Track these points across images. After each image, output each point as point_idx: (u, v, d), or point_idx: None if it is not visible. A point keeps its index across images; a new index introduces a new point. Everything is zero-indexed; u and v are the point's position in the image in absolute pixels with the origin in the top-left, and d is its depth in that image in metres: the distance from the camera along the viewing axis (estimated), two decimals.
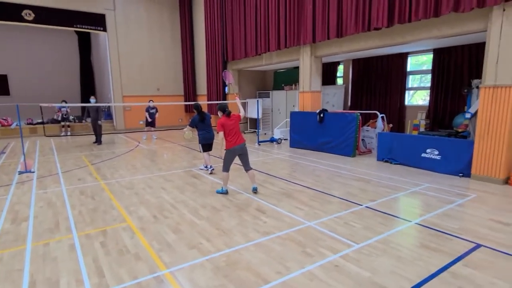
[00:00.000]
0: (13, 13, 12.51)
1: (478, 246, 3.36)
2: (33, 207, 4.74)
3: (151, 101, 11.79)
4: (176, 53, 16.58)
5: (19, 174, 6.82)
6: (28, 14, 12.78)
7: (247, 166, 5.25)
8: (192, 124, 6.67)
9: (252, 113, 13.30)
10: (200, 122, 6.63)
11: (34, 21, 12.97)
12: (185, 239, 3.63)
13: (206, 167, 6.90)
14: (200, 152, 6.97)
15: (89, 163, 7.90)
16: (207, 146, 6.80)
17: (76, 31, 17.09)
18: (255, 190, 5.27)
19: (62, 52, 18.55)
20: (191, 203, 4.85)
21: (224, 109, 5.12)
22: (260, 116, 12.20)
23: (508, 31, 5.25)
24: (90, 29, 14.38)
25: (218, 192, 5.29)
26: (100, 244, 3.53)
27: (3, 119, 13.51)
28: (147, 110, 11.70)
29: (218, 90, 13.80)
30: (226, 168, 5.15)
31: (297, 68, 11.71)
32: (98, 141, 10.91)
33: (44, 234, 3.80)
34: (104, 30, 14.50)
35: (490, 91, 5.53)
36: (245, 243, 3.50)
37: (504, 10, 5.27)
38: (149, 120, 11.69)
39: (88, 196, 5.25)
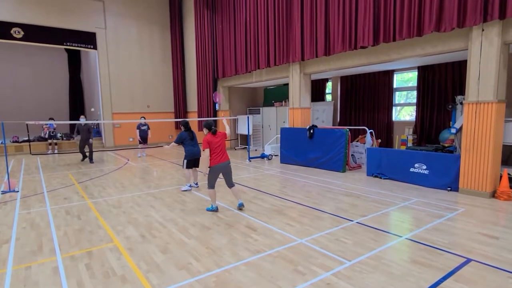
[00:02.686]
0: (2, 31, 12.47)
1: (469, 260, 3.37)
2: (16, 228, 4.58)
3: (142, 118, 11.75)
4: (167, 71, 16.68)
5: (2, 193, 6.61)
6: (17, 32, 12.76)
7: (229, 184, 5.19)
8: (179, 141, 6.51)
9: (243, 130, 13.35)
10: (189, 139, 6.56)
11: (23, 39, 12.95)
12: (174, 259, 3.54)
13: (190, 186, 6.74)
14: (183, 168, 6.68)
15: (75, 182, 7.73)
16: (193, 162, 6.67)
17: (66, 49, 17.09)
18: (240, 206, 5.19)
19: (51, 70, 18.46)
20: (180, 222, 4.75)
21: (210, 127, 5.12)
22: (250, 132, 12.24)
23: (487, 49, 5.47)
24: (80, 47, 14.40)
25: (208, 210, 5.20)
26: (85, 266, 3.40)
27: None
28: (138, 127, 11.63)
29: (208, 107, 13.85)
30: (211, 185, 5.10)
31: (287, 85, 11.91)
32: (90, 158, 10.74)
33: (26, 257, 3.65)
34: (95, 48, 14.54)
35: (473, 107, 5.69)
36: (236, 262, 3.43)
37: (483, 30, 5.51)
38: (139, 137, 11.61)
39: (74, 216, 5.11)
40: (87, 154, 10.81)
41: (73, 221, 4.88)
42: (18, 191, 6.79)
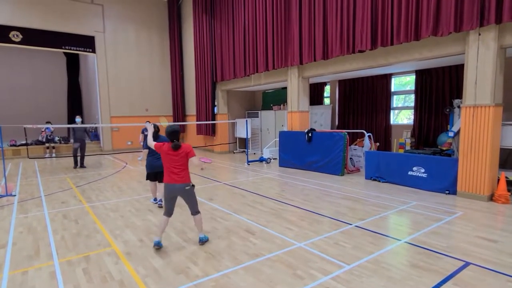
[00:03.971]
0: (1, 35, 12.47)
1: (467, 264, 3.37)
2: (12, 233, 4.54)
3: (147, 122, 11.54)
4: (165, 74, 16.70)
5: None
6: (16, 36, 12.75)
7: (191, 210, 4.02)
8: (146, 147, 5.58)
9: (241, 133, 13.35)
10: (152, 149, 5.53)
11: (22, 42, 12.95)
12: (172, 263, 3.52)
13: (154, 200, 5.92)
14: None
15: (73, 186, 7.70)
16: (153, 175, 5.68)
17: (64, 52, 17.10)
18: (202, 241, 3.99)
19: (49, 73, 18.46)
20: (179, 225, 4.73)
21: (172, 137, 3.80)
22: (249, 136, 12.25)
23: (484, 53, 5.51)
24: (79, 50, 14.41)
25: (155, 244, 3.88)
26: (82, 270, 3.38)
27: None
28: (143, 131, 11.39)
29: (207, 110, 13.86)
30: (165, 209, 3.93)
31: (285, 88, 11.92)
32: (82, 163, 10.50)
33: (23, 262, 3.62)
34: (93, 51, 14.55)
35: (471, 111, 5.72)
36: (234, 266, 3.42)
37: (479, 34, 5.55)
38: (141, 143, 11.40)
39: (71, 220, 5.08)
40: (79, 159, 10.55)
41: (70, 225, 4.85)
42: (15, 195, 6.75)
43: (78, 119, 10.73)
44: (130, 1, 15.24)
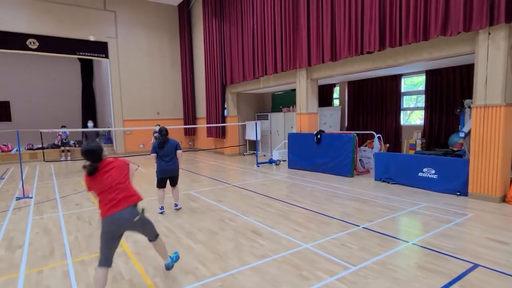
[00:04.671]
0: (18, 42, 12.93)
1: (476, 266, 3.33)
2: (29, 234, 4.73)
3: (158, 126, 11.92)
4: (176, 78, 16.96)
5: (16, 200, 6.82)
6: (32, 43, 13.20)
7: (149, 237, 3.18)
8: (153, 151, 5.44)
9: (251, 135, 13.42)
10: (160, 149, 5.39)
11: (38, 49, 13.38)
12: (181, 264, 3.60)
13: (161, 208, 5.60)
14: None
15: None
16: (164, 180, 5.54)
17: (79, 58, 17.57)
18: (168, 267, 3.33)
19: (64, 79, 19.00)
20: (188, 227, 4.83)
21: (90, 157, 2.74)
22: (259, 138, 12.31)
23: (494, 53, 5.43)
24: (93, 56, 14.79)
25: None
26: (94, 270, 3.49)
27: (3, 145, 13.62)
28: (154, 135, 11.85)
29: (217, 113, 14.00)
30: (102, 256, 2.81)
31: (294, 90, 11.96)
32: None
33: (38, 261, 3.77)
34: (106, 57, 14.92)
35: (482, 111, 5.64)
36: (241, 267, 3.47)
37: (489, 33, 5.47)
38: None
39: (85, 221, 5.24)
40: None
41: (84, 226, 5.00)
42: (32, 197, 6.99)
43: (90, 123, 11.11)
44: (142, 7, 15.56)
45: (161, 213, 5.55)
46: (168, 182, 5.61)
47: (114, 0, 14.85)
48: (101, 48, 14.74)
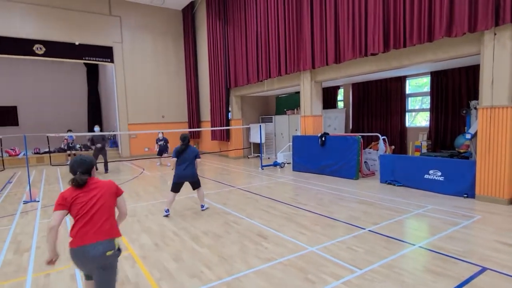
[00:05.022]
0: (25, 48, 13.11)
1: (484, 269, 3.29)
2: (36, 237, 4.77)
3: (160, 133, 12.12)
4: (180, 81, 17.05)
5: (23, 203, 6.88)
6: (39, 48, 13.37)
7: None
8: (174, 155, 5.63)
9: (255, 138, 13.43)
10: (181, 157, 5.60)
11: (45, 55, 13.55)
12: (186, 267, 3.60)
13: (167, 211, 5.63)
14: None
15: None
16: (180, 185, 5.67)
17: (84, 63, 17.77)
18: None
19: (71, 83, 19.20)
20: (193, 230, 4.83)
21: (80, 166, 2.46)
22: (263, 140, 12.31)
23: (500, 54, 5.38)
24: (98, 61, 14.95)
25: None
26: None
27: (11, 149, 13.79)
28: (157, 141, 12.19)
29: (221, 116, 14.04)
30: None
31: (298, 93, 11.95)
32: (106, 168, 11.08)
33: (45, 265, 3.79)
34: (112, 61, 15.06)
35: (488, 112, 5.58)
36: (246, 270, 3.47)
37: (495, 34, 5.43)
38: (156, 150, 12.16)
39: None
40: (103, 164, 11.12)
41: None
42: (39, 201, 7.06)
43: (96, 128, 11.30)
44: (146, 12, 15.71)
45: (166, 215, 5.58)
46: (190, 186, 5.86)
47: (119, 6, 15.01)
48: (106, 53, 14.89)
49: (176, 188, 5.65)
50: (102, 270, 2.35)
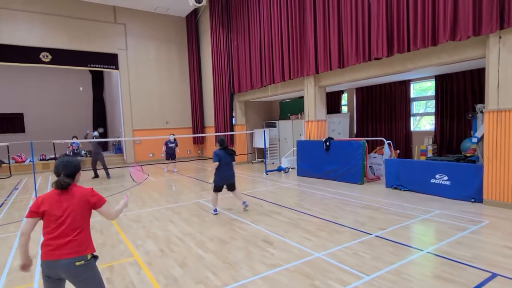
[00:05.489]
0: (32, 56, 13.30)
1: (494, 275, 3.23)
2: None
3: (171, 135, 12.00)
4: (184, 87, 17.16)
5: None
6: (45, 56, 13.56)
7: None
8: (217, 160, 5.80)
9: (259, 143, 13.43)
10: (224, 160, 5.86)
11: (51, 62, 13.73)
12: (192, 273, 3.59)
13: (215, 210, 5.98)
14: (212, 190, 6.05)
15: None
16: (221, 187, 5.96)
17: (90, 70, 17.96)
18: None
19: (76, 90, 19.38)
20: (198, 236, 4.82)
21: (65, 168, 2.36)
22: (267, 145, 12.31)
23: (506, 57, 5.36)
24: (103, 68, 15.11)
25: None
26: (106, 280, 3.50)
27: (17, 155, 13.92)
28: (166, 143, 11.97)
29: (225, 121, 14.07)
30: None
31: (302, 98, 11.97)
32: (107, 174, 11.14)
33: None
34: (116, 68, 15.21)
35: (494, 115, 5.54)
36: (252, 276, 3.44)
37: (500, 37, 5.41)
38: (164, 154, 11.99)
39: (96, 231, 5.28)
40: (102, 171, 11.24)
41: (95, 235, 5.04)
42: None
43: (96, 132, 11.47)
44: (151, 19, 15.89)
45: (215, 214, 5.89)
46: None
47: (124, 14, 15.20)
48: (111, 60, 15.05)
49: (219, 189, 5.96)
50: (79, 282, 2.25)
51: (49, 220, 2.25)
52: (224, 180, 5.93)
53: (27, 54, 13.21)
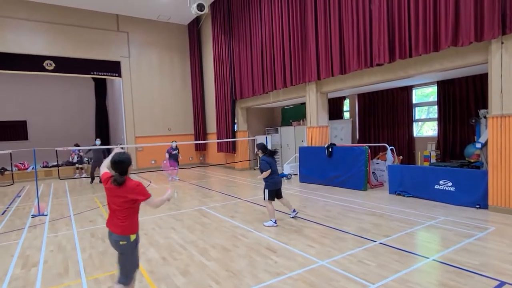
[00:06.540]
0: (36, 64, 13.42)
1: (502, 283, 3.17)
2: (44, 251, 4.75)
3: (174, 142, 11.58)
4: (187, 94, 17.23)
5: (32, 217, 6.91)
6: (49, 64, 13.68)
7: (119, 273, 2.91)
8: (268, 168, 5.53)
9: None
10: (273, 164, 5.64)
11: (54, 70, 13.85)
12: (194, 282, 3.54)
13: (275, 221, 5.54)
14: (265, 200, 5.64)
15: (100, 205, 7.97)
16: (275, 192, 5.65)
17: (93, 78, 18.08)
18: None
19: (79, 97, 19.51)
20: (201, 244, 4.78)
21: (115, 168, 2.83)
22: None
23: (508, 62, 5.35)
24: (106, 75, 15.22)
25: None
26: None
27: (20, 163, 13.95)
28: (169, 151, 11.47)
29: (227, 128, 14.09)
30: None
31: (304, 104, 11.98)
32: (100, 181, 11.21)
33: (53, 280, 3.77)
34: (119, 75, 15.32)
35: (498, 121, 5.51)
36: (255, 285, 3.39)
37: (502, 43, 5.41)
38: (166, 161, 11.46)
39: (98, 238, 5.25)
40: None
41: (97, 243, 5.01)
42: (47, 215, 7.07)
43: (97, 141, 11.47)
44: (153, 27, 16.04)
45: (276, 226, 5.47)
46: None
47: (127, 22, 15.36)
48: (114, 67, 15.17)
49: (273, 196, 5.63)
50: (119, 253, 2.87)
51: (107, 201, 2.93)
52: (277, 185, 5.64)
53: (31, 62, 13.33)
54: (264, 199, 5.63)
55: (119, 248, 2.83)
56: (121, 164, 2.81)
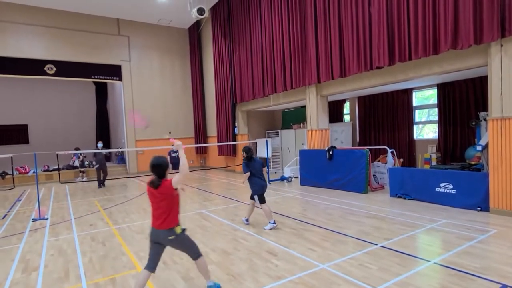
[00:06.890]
0: (37, 68, 13.48)
1: (504, 286, 3.16)
2: (44, 256, 4.75)
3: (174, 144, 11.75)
4: (187, 98, 17.27)
5: (32, 221, 6.90)
6: (50, 68, 13.73)
7: (190, 256, 3.30)
8: (247, 171, 5.61)
9: (262, 153, 13.41)
10: (257, 170, 5.65)
11: (55, 74, 13.90)
12: (195, 286, 3.53)
13: (273, 222, 5.51)
14: (260, 204, 5.62)
15: (101, 208, 7.97)
16: (263, 196, 5.65)
17: (94, 82, 18.15)
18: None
19: (80, 101, 19.56)
20: (201, 247, 4.72)
21: (156, 171, 3.12)
22: (269, 155, 12.28)
23: (508, 65, 5.36)
24: (107, 79, 15.27)
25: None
26: None
27: (21, 167, 13.96)
28: (169, 153, 11.69)
29: (228, 131, 14.10)
30: (148, 259, 3.20)
31: (304, 107, 12.00)
32: (103, 183, 11.30)
33: (53, 284, 3.76)
34: (120, 79, 15.37)
35: (498, 123, 5.51)
36: None
37: (501, 45, 5.42)
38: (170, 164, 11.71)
39: (99, 242, 5.24)
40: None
41: (98, 247, 5.00)
42: (47, 219, 7.07)
43: (100, 144, 11.50)
44: (154, 31, 16.11)
45: (275, 225, 5.48)
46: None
47: (127, 26, 15.44)
48: (115, 71, 15.22)
49: (264, 198, 5.61)
50: (179, 245, 3.19)
51: (151, 203, 3.20)
52: (263, 188, 5.62)
53: (32, 67, 13.39)
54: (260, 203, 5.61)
55: (171, 243, 3.11)
56: (159, 168, 3.05)
